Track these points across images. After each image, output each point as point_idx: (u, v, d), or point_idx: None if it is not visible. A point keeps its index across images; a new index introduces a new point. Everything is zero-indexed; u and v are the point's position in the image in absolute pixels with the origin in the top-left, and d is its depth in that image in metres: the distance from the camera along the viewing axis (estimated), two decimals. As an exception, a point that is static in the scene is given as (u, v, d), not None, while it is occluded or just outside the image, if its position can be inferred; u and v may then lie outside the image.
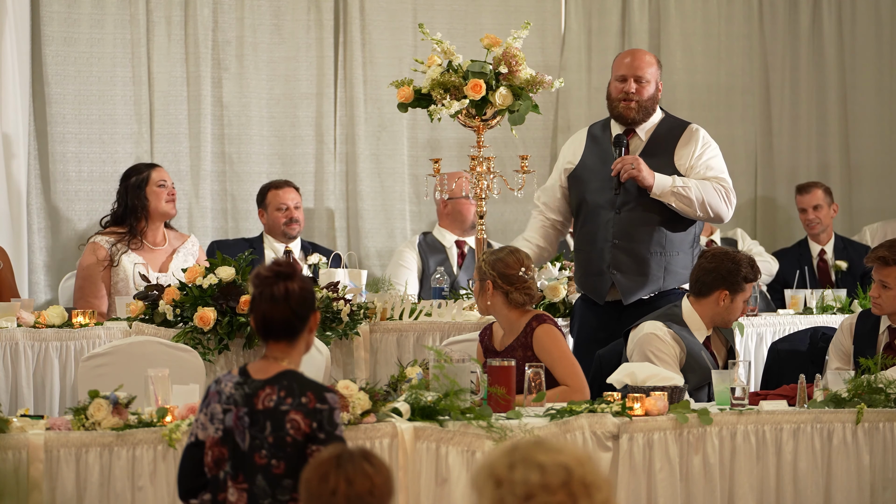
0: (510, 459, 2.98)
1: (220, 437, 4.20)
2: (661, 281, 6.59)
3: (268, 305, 4.21)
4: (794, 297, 7.75)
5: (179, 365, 6.04)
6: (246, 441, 4.15)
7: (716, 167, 6.66)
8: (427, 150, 9.15)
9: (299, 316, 4.23)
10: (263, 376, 4.20)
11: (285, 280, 4.21)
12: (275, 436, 4.11)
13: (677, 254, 6.62)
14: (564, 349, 5.88)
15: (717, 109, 9.74)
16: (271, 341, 4.25)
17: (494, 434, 4.95)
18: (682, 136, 6.72)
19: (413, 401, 5.04)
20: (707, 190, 6.55)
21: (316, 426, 4.11)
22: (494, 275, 5.92)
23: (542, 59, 9.30)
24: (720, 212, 6.59)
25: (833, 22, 9.85)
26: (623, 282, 6.55)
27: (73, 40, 8.57)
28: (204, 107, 8.81)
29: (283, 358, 4.24)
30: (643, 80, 6.69)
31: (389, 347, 6.80)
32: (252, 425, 4.14)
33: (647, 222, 6.57)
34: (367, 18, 9.13)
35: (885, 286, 6.05)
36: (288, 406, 4.13)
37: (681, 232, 6.64)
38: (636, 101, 6.68)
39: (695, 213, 6.54)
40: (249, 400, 4.16)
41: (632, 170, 6.50)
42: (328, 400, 4.15)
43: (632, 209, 6.57)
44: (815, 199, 8.97)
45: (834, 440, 5.35)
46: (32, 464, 4.73)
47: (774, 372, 6.77)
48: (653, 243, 6.57)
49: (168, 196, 7.41)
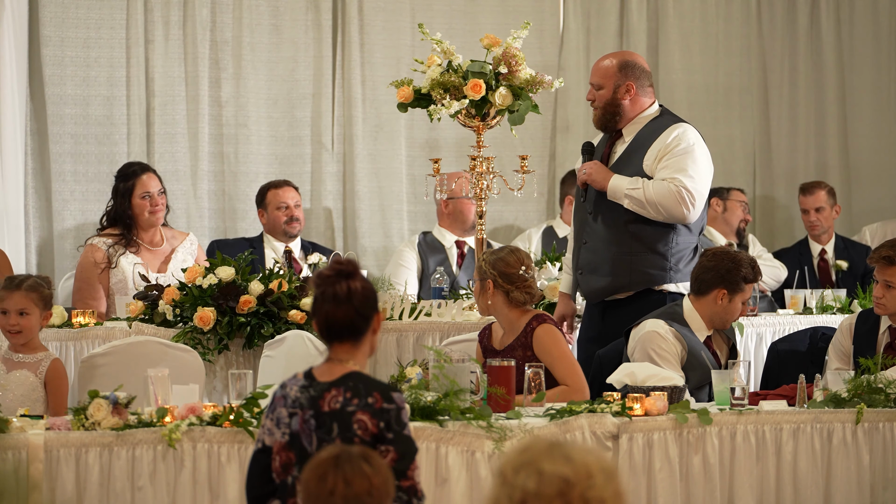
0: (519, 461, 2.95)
1: (287, 441, 4.13)
2: (627, 280, 6.48)
3: (331, 306, 4.13)
4: (794, 297, 7.75)
5: (179, 365, 6.04)
6: (313, 444, 4.08)
7: (675, 166, 6.46)
8: (425, 150, 9.15)
9: (363, 315, 4.15)
10: (329, 378, 4.13)
11: (348, 279, 4.13)
12: (342, 437, 4.05)
13: (647, 254, 6.48)
14: (564, 349, 5.88)
15: (715, 109, 9.74)
16: (335, 343, 4.17)
17: (494, 434, 4.95)
18: (658, 137, 6.59)
19: (413, 401, 5.04)
20: (660, 191, 6.38)
21: (384, 426, 4.06)
22: (495, 274, 5.92)
23: (541, 59, 9.30)
24: (674, 213, 6.41)
25: (831, 22, 9.86)
26: (584, 281, 6.53)
27: (70, 41, 8.57)
28: (202, 107, 8.81)
29: (348, 359, 4.16)
30: (596, 86, 6.63)
31: (389, 347, 6.80)
32: (318, 428, 4.08)
33: (614, 224, 6.51)
34: (365, 19, 9.13)
35: (889, 286, 6.04)
36: (354, 407, 4.07)
37: (651, 233, 6.49)
38: (597, 109, 6.65)
39: (648, 214, 6.46)
40: (315, 402, 4.10)
41: (583, 175, 6.54)
42: (395, 399, 4.09)
43: (601, 212, 6.55)
44: (818, 201, 8.96)
45: (834, 440, 5.35)
46: (32, 464, 4.73)
47: (774, 372, 6.77)
48: (620, 244, 6.49)
49: (152, 207, 7.37)
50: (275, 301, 6.49)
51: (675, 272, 6.50)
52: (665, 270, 6.48)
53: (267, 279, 6.56)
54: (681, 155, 6.47)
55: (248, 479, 4.24)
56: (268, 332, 6.42)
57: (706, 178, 6.55)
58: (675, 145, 6.49)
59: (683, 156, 6.47)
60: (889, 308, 6.08)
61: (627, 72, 6.62)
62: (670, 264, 6.48)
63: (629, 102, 6.62)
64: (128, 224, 7.35)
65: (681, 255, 6.51)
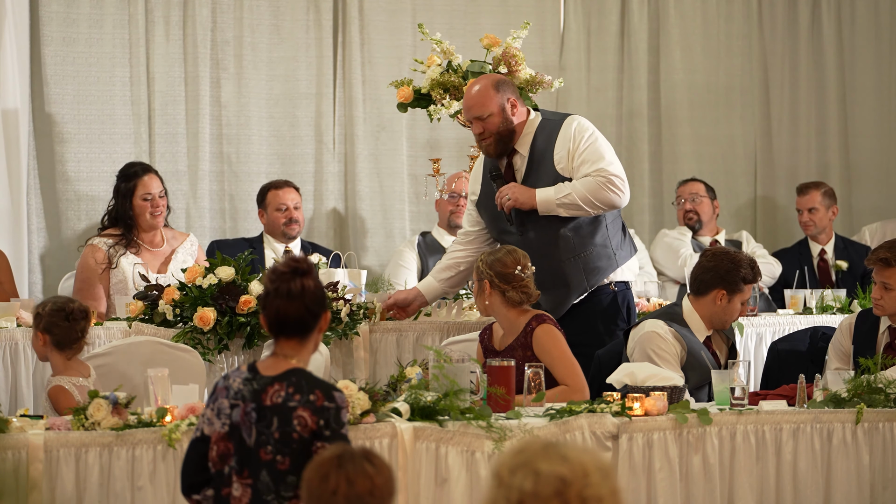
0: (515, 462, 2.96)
1: (227, 432, 4.21)
2: (585, 283, 6.48)
3: (283, 301, 4.21)
4: (794, 297, 7.75)
5: (179, 365, 6.04)
6: (252, 436, 4.16)
7: (591, 158, 6.41)
8: (426, 149, 9.16)
9: (313, 313, 4.24)
10: (272, 373, 4.21)
11: (302, 276, 4.21)
12: (281, 432, 4.13)
13: (591, 250, 6.47)
14: (564, 349, 5.88)
15: (716, 109, 9.74)
16: (282, 338, 4.26)
17: (494, 434, 4.95)
18: (557, 139, 6.49)
19: (413, 401, 5.04)
20: (589, 186, 6.34)
21: (323, 423, 4.13)
22: (491, 274, 5.93)
23: (542, 59, 9.30)
24: (611, 202, 6.37)
25: (832, 21, 9.86)
26: (548, 299, 6.40)
27: (72, 40, 8.58)
28: (203, 107, 8.81)
29: (293, 356, 4.25)
30: (483, 117, 6.44)
31: (389, 347, 6.80)
32: (259, 421, 4.15)
33: (549, 235, 6.44)
34: (366, 18, 9.13)
35: (887, 287, 6.05)
36: (296, 403, 4.14)
37: (585, 229, 6.48)
38: (489, 138, 6.47)
39: (588, 213, 6.41)
40: (258, 396, 4.17)
41: (508, 202, 6.41)
42: (336, 398, 4.17)
43: (531, 228, 6.49)
44: (811, 202, 8.95)
45: (834, 440, 5.35)
46: (32, 464, 4.73)
47: (774, 372, 6.77)
48: (562, 251, 6.45)
49: (152, 209, 7.35)
50: (275, 301, 6.48)
51: (618, 254, 6.53)
52: (611, 257, 6.50)
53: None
54: (590, 145, 6.42)
55: (184, 466, 4.31)
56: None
57: (616, 158, 6.49)
58: (581, 138, 6.42)
59: (592, 145, 6.42)
60: (887, 309, 6.09)
61: (503, 89, 6.48)
62: (612, 249, 6.52)
63: (517, 118, 6.48)
64: (128, 224, 7.35)
65: (616, 235, 6.55)
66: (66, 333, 5.70)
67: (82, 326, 5.72)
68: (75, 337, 5.71)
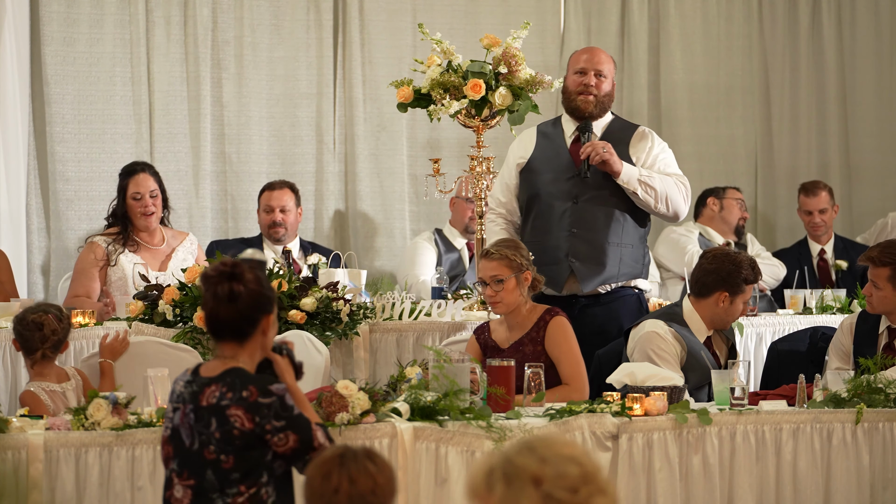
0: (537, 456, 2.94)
1: (169, 435, 4.25)
2: (617, 272, 6.53)
3: (213, 305, 4.23)
4: (794, 297, 7.75)
5: (179, 365, 6.02)
6: (193, 438, 4.17)
7: (674, 166, 6.65)
8: (426, 149, 9.16)
9: (247, 318, 4.23)
10: (211, 374, 4.23)
11: (230, 280, 4.20)
12: (221, 431, 4.14)
13: (630, 247, 6.56)
14: (574, 347, 5.86)
15: (716, 109, 9.74)
16: (220, 341, 4.27)
17: (494, 434, 4.95)
18: (633, 135, 6.68)
19: (413, 401, 5.04)
20: (669, 184, 6.51)
21: (260, 419, 4.12)
22: (528, 263, 5.92)
23: (542, 59, 9.30)
24: (678, 208, 6.55)
25: (832, 21, 9.85)
26: (581, 269, 6.49)
27: (72, 40, 8.58)
28: (203, 106, 8.81)
29: (235, 358, 4.25)
30: (602, 75, 6.64)
31: (389, 347, 6.79)
32: (197, 421, 4.17)
33: (605, 213, 6.53)
34: (366, 18, 9.13)
35: (876, 286, 6.08)
36: (228, 401, 4.14)
37: (635, 226, 6.60)
38: (594, 95, 6.63)
39: (655, 204, 6.48)
40: (196, 397, 4.19)
41: (604, 152, 6.44)
42: (274, 391, 4.16)
43: (590, 199, 6.53)
44: (822, 203, 8.98)
45: (833, 440, 5.35)
46: (32, 464, 4.73)
47: (774, 372, 6.77)
48: (610, 233, 6.53)
49: (142, 209, 7.33)
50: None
51: (643, 262, 6.65)
52: (641, 266, 6.60)
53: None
54: (667, 153, 6.61)
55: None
56: (268, 331, 6.41)
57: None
58: (657, 142, 6.69)
59: (669, 153, 6.63)
60: (877, 307, 6.12)
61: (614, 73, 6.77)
62: (641, 257, 6.63)
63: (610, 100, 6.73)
64: (125, 223, 7.34)
65: (646, 250, 6.68)
66: (26, 341, 5.74)
67: (42, 335, 5.72)
68: (35, 346, 5.73)
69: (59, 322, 5.78)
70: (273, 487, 4.17)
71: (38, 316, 5.77)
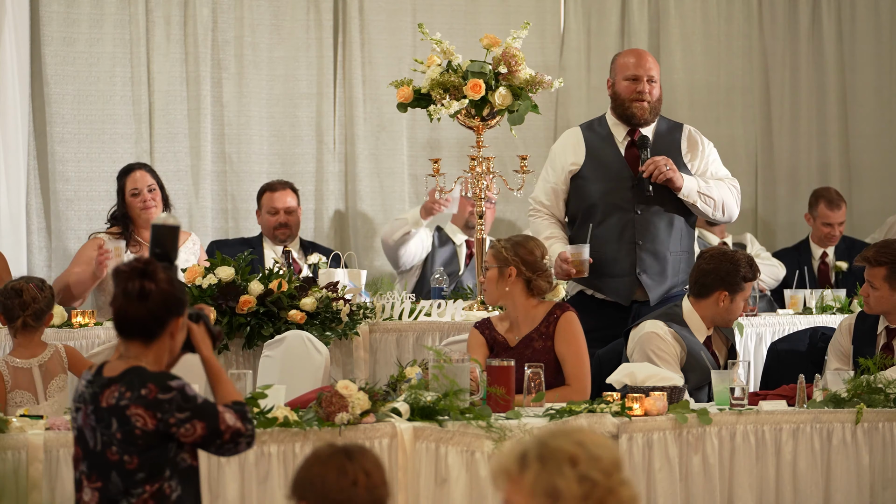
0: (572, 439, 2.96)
1: (76, 436, 4.15)
2: (677, 280, 6.63)
3: (122, 301, 4.11)
4: (794, 297, 7.75)
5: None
6: (96, 439, 4.08)
7: (722, 167, 6.73)
8: (426, 150, 9.16)
9: (156, 318, 4.11)
10: (112, 374, 4.11)
11: (142, 278, 4.10)
12: (122, 431, 4.03)
13: (685, 254, 6.68)
14: (582, 346, 5.84)
15: (717, 109, 9.75)
16: (126, 339, 4.15)
17: (494, 434, 4.95)
18: (682, 137, 6.75)
19: (412, 401, 5.04)
20: (724, 191, 6.62)
21: (162, 415, 4.03)
22: (518, 261, 5.82)
23: (542, 59, 9.30)
24: (732, 213, 6.69)
25: (833, 22, 9.86)
26: (650, 283, 6.58)
27: (72, 40, 8.58)
28: (203, 106, 8.82)
29: (139, 358, 4.14)
30: (653, 81, 6.69)
31: (389, 347, 6.79)
32: (98, 422, 4.06)
33: (666, 222, 6.61)
34: (366, 18, 9.14)
35: (873, 287, 6.09)
36: (128, 400, 4.03)
37: (689, 234, 6.71)
38: (647, 102, 6.67)
39: (713, 213, 6.60)
40: (96, 398, 4.08)
41: (667, 170, 6.49)
42: (174, 386, 4.05)
43: (651, 209, 6.57)
44: (843, 216, 9.04)
45: (833, 440, 5.35)
46: (32, 464, 4.73)
47: (774, 372, 6.77)
48: (671, 243, 6.62)
49: (142, 204, 7.34)
50: (274, 301, 6.49)
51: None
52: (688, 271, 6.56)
53: (266, 279, 6.55)
54: (715, 153, 6.76)
55: None
56: (267, 332, 6.42)
57: None
58: (707, 143, 6.77)
59: (716, 153, 6.79)
60: (874, 307, 6.13)
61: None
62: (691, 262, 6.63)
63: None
64: (126, 222, 7.35)
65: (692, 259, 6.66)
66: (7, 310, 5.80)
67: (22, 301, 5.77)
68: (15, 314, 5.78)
69: (40, 291, 5.80)
70: (177, 481, 4.06)
71: (18, 283, 5.85)
